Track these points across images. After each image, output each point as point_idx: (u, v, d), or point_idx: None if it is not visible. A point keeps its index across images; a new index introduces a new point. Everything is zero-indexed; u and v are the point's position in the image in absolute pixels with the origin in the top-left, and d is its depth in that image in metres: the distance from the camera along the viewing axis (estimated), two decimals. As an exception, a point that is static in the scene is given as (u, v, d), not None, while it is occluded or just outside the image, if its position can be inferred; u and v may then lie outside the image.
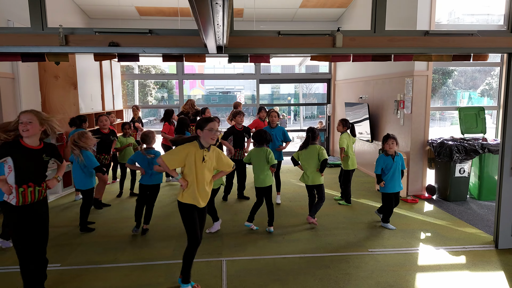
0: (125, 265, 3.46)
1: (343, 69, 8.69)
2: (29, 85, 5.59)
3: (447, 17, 13.00)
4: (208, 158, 2.91)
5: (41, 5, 3.22)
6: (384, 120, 6.52)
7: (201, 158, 2.87)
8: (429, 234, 4.21)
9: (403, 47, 3.50)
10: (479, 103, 15.56)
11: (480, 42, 3.54)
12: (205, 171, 2.91)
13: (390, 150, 4.27)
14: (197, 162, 2.87)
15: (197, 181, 2.89)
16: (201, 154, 2.88)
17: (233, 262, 3.53)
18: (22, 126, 2.61)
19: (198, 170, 2.88)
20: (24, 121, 2.61)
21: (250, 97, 19.84)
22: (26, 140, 2.66)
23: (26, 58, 3.33)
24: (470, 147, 5.32)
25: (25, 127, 2.60)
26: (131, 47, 3.28)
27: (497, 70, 6.64)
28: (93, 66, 6.99)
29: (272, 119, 5.36)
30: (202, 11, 2.11)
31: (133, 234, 4.19)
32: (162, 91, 19.30)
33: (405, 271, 3.33)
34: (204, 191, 2.95)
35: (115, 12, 7.80)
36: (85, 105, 6.53)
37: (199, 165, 2.87)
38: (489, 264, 3.47)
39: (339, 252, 3.74)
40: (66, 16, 7.00)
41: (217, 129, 2.93)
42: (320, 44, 3.44)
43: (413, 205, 5.29)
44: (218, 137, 2.94)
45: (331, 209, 5.08)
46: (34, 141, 2.70)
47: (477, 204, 5.36)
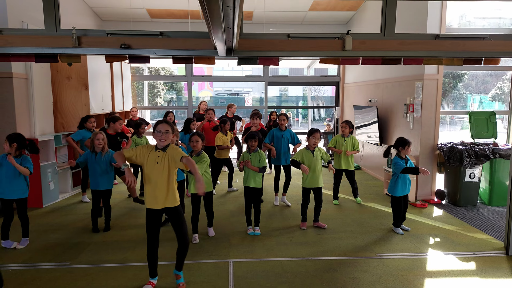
0: (134, 265, 3.49)
1: (352, 72, 8.66)
2: (42, 86, 5.69)
3: (458, 21, 12.88)
4: (161, 160, 2.85)
5: (55, 7, 3.29)
6: (393, 123, 6.48)
7: (155, 159, 2.86)
8: (438, 239, 4.16)
9: (413, 50, 3.48)
10: (490, 107, 15.36)
11: (492, 46, 3.51)
12: (161, 172, 2.86)
13: (405, 154, 4.30)
14: (149, 163, 2.86)
15: (153, 183, 2.87)
16: (155, 156, 2.86)
17: (240, 263, 3.53)
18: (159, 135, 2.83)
19: (153, 172, 2.86)
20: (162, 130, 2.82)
21: (258, 99, 19.87)
22: None
23: (39, 59, 3.40)
24: (480, 152, 5.26)
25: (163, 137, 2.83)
26: (142, 49, 3.33)
27: (509, 74, 6.56)
28: (104, 67, 7.08)
29: (281, 122, 5.38)
30: (213, 14, 2.13)
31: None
32: (171, 93, 19.44)
33: (413, 276, 3.30)
34: (161, 193, 2.88)
35: (126, 14, 7.91)
36: (96, 105, 6.61)
37: (153, 167, 2.86)
38: (499, 271, 3.42)
39: (346, 255, 3.72)
40: (79, 18, 7.12)
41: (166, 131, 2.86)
42: (329, 47, 3.45)
43: (422, 210, 5.24)
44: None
45: (339, 212, 5.06)
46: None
47: (488, 210, 5.29)
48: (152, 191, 2.88)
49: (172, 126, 2.98)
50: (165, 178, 2.87)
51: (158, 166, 2.85)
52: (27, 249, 3.85)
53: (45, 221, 4.66)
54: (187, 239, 3.03)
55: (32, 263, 3.53)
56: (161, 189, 2.88)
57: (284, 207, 5.28)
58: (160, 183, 2.87)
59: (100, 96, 6.85)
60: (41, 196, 5.24)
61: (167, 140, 2.87)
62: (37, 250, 3.83)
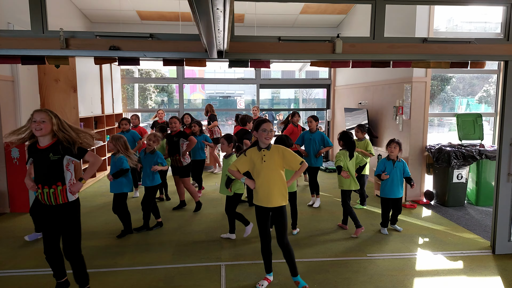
0: (125, 269, 3.46)
1: (342, 75, 8.74)
2: (29, 88, 5.61)
3: (446, 25, 13.11)
4: (267, 158, 2.94)
5: (41, 9, 3.24)
6: (383, 125, 6.55)
7: (261, 159, 2.95)
8: (427, 239, 4.21)
9: (402, 53, 3.53)
10: (477, 109, 15.62)
11: (478, 49, 3.58)
12: (269, 171, 2.94)
13: (392, 154, 4.30)
14: (256, 163, 2.95)
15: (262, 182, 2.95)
16: (260, 155, 2.96)
17: (232, 266, 3.52)
18: (35, 124, 2.56)
19: (261, 171, 2.95)
20: (37, 120, 2.56)
21: (251, 102, 19.89)
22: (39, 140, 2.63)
23: (26, 61, 3.34)
24: (468, 153, 5.35)
25: (38, 126, 2.56)
26: (131, 51, 3.30)
27: (495, 77, 6.69)
28: (93, 70, 7.01)
29: (310, 124, 5.45)
30: (203, 16, 2.13)
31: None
32: (162, 95, 19.32)
33: (403, 276, 3.33)
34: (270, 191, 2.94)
35: (116, 17, 7.85)
36: (85, 108, 6.54)
37: (260, 166, 2.95)
38: (486, 269, 3.48)
39: (338, 257, 3.74)
40: (67, 20, 7.04)
41: (271, 129, 2.99)
42: (320, 50, 3.47)
43: (412, 210, 5.30)
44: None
45: (330, 214, 5.09)
46: (44, 140, 2.64)
47: (475, 210, 5.37)
48: (263, 189, 2.94)
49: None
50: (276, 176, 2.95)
51: (267, 164, 2.93)
52: (13, 255, 3.78)
53: (32, 226, 4.57)
54: (286, 241, 3.04)
55: (18, 269, 3.47)
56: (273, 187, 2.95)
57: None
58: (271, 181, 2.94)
59: (89, 98, 6.78)
60: (28, 200, 5.15)
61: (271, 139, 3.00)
62: (23, 256, 3.76)
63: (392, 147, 4.28)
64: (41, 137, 2.61)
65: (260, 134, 2.96)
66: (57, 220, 2.71)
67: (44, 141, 2.64)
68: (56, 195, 2.64)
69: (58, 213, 2.69)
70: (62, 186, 2.66)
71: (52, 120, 2.60)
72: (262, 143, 2.98)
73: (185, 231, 4.43)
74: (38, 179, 2.66)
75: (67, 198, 2.69)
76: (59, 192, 2.65)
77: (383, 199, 4.37)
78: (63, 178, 2.67)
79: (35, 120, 2.57)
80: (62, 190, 2.66)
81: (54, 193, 2.64)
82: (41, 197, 2.67)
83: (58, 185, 2.64)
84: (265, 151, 2.96)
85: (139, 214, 5.03)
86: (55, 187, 2.64)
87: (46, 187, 2.63)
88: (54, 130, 2.62)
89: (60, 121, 2.66)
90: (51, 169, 2.63)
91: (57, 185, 2.64)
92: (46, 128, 2.58)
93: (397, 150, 4.29)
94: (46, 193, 2.63)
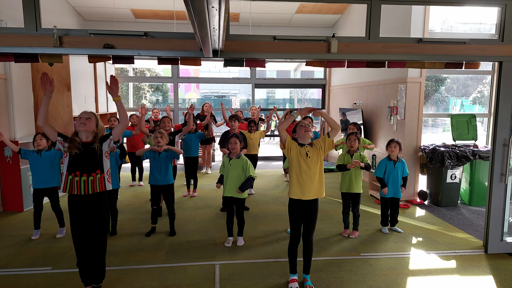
0: (118, 268, 3.44)
1: (338, 75, 8.76)
2: (22, 86, 5.55)
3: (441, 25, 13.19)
4: (311, 154, 2.99)
5: (35, 6, 3.21)
6: (377, 126, 6.57)
7: (305, 155, 2.98)
8: (421, 239, 4.24)
9: (396, 53, 3.54)
10: (471, 110, 15.74)
11: (472, 50, 3.60)
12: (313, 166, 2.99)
13: (392, 154, 4.32)
14: (301, 158, 2.98)
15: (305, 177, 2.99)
16: (304, 152, 3.00)
17: (226, 265, 3.52)
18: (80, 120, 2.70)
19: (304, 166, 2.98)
20: (83, 117, 2.70)
21: (246, 102, 19.87)
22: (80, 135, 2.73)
23: (19, 58, 3.30)
24: (461, 154, 5.39)
25: (83, 122, 2.69)
26: (126, 49, 3.28)
27: (489, 78, 6.74)
28: (87, 68, 6.95)
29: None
30: (198, 14, 2.12)
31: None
32: (157, 94, 19.24)
33: (396, 275, 3.35)
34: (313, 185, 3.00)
35: (110, 14, 7.79)
36: (79, 107, 6.48)
37: (303, 162, 2.98)
38: (478, 269, 3.51)
39: (332, 256, 3.75)
40: (61, 17, 6.98)
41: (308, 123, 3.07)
42: (315, 49, 3.47)
43: (405, 210, 5.33)
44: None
45: (324, 213, 5.10)
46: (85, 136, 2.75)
47: (468, 210, 5.41)
48: (306, 184, 2.97)
49: None
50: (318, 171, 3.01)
51: (311, 159, 2.97)
52: (5, 254, 3.74)
53: (26, 225, 4.53)
54: (311, 237, 3.08)
55: (11, 268, 3.43)
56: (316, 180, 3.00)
57: (272, 210, 5.29)
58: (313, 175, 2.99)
59: (83, 97, 6.73)
60: (21, 199, 5.11)
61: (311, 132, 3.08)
62: (16, 255, 3.73)
63: (392, 147, 4.31)
64: (84, 132, 2.71)
65: (299, 129, 3.04)
66: (89, 212, 2.71)
67: (85, 137, 2.73)
68: (94, 183, 2.68)
69: (92, 203, 2.70)
70: (100, 174, 2.71)
71: (98, 120, 2.78)
72: (302, 138, 3.03)
73: (179, 230, 4.42)
74: (74, 167, 2.65)
75: (105, 187, 2.74)
76: (97, 180, 2.69)
77: (383, 198, 4.40)
78: (102, 166, 2.72)
79: (80, 117, 2.71)
80: (101, 178, 2.71)
81: (92, 181, 2.67)
82: (76, 186, 2.64)
83: (97, 173, 2.69)
84: (308, 147, 3.01)
85: (128, 215, 5.01)
86: (94, 175, 2.68)
87: (85, 174, 2.65)
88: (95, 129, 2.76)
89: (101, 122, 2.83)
90: (91, 157, 2.69)
91: (96, 173, 2.69)
92: (90, 125, 2.71)
93: (397, 150, 4.31)
94: (84, 181, 2.65)
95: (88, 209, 2.71)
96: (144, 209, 5.21)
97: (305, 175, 2.98)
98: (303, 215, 3.06)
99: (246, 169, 3.93)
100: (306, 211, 3.05)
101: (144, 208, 5.22)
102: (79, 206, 2.70)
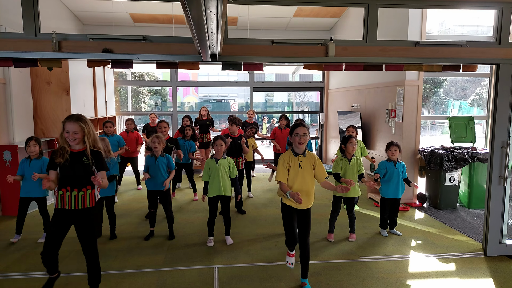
0: (117, 273, 3.43)
1: (336, 78, 8.78)
2: (21, 91, 5.56)
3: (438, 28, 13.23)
4: (304, 164, 2.97)
5: (34, 11, 3.22)
6: (376, 128, 6.59)
7: (298, 165, 2.97)
8: (420, 242, 4.24)
9: (394, 57, 3.56)
10: (469, 112, 15.78)
11: (469, 53, 3.62)
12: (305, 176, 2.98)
13: (393, 156, 4.33)
14: (293, 169, 2.97)
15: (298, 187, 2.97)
16: (297, 161, 2.98)
17: (225, 269, 3.51)
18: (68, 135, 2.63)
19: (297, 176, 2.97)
20: (70, 132, 2.63)
21: (244, 105, 19.91)
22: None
23: (18, 63, 3.32)
24: (460, 156, 5.40)
25: (72, 137, 2.63)
26: (124, 53, 3.29)
27: (487, 80, 6.77)
28: (86, 72, 6.97)
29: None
30: (196, 19, 2.13)
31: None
32: (156, 98, 19.25)
33: (395, 278, 3.34)
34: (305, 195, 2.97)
35: (109, 19, 7.82)
36: (78, 111, 6.48)
37: (296, 172, 2.96)
38: (478, 271, 3.51)
39: (330, 259, 3.74)
40: (60, 22, 7.00)
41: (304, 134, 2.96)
42: (313, 53, 3.49)
43: (404, 213, 5.33)
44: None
45: (322, 216, 5.09)
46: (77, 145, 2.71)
47: (467, 212, 5.42)
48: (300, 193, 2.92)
49: None
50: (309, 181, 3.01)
51: (303, 170, 2.96)
52: (5, 258, 3.73)
53: (24, 229, 4.51)
54: (308, 241, 3.06)
55: (9, 272, 3.42)
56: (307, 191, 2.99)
57: (270, 214, 5.28)
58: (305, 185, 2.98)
59: (82, 101, 6.73)
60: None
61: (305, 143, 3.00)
62: (14, 259, 3.71)
63: (392, 150, 4.32)
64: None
65: (293, 139, 2.99)
66: (78, 224, 2.74)
67: (76, 146, 2.69)
68: (84, 198, 2.69)
69: (80, 217, 2.72)
70: (91, 190, 2.72)
71: (84, 130, 2.67)
72: (296, 148, 3.00)
73: (178, 234, 4.41)
74: (66, 182, 2.66)
75: (94, 202, 2.76)
76: (88, 195, 2.71)
77: (383, 199, 4.40)
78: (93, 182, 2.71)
79: (67, 131, 2.63)
80: (91, 193, 2.72)
81: (83, 196, 2.69)
82: (67, 200, 2.66)
83: (88, 189, 2.70)
84: (301, 157, 2.99)
85: (126, 219, 5.00)
86: (84, 190, 2.69)
87: (75, 189, 2.66)
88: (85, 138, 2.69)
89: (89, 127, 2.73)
90: (82, 172, 2.68)
91: (87, 188, 2.70)
92: (79, 138, 2.66)
93: (398, 153, 4.32)
94: (75, 196, 2.66)
95: (77, 222, 2.74)
96: (143, 212, 5.20)
97: (298, 185, 2.97)
98: (298, 219, 3.06)
99: (232, 168, 4.07)
100: (299, 217, 3.06)
101: (143, 212, 5.21)
102: (67, 219, 2.72)
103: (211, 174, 4.02)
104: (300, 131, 2.95)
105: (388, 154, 4.36)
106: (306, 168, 2.98)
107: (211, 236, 4.13)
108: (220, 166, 4.01)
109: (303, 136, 2.94)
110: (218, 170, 3.99)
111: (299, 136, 2.94)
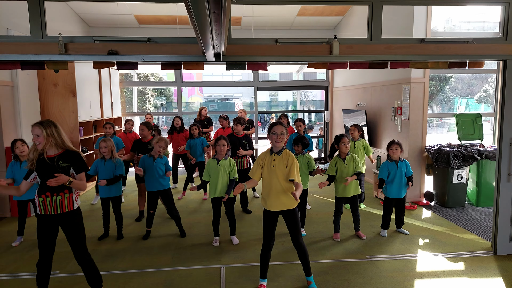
0: (124, 272, 3.45)
1: (340, 76, 8.75)
2: (28, 93, 5.62)
3: (444, 25, 13.13)
4: (276, 163, 2.93)
5: (41, 14, 3.26)
6: (381, 126, 6.55)
7: (270, 163, 2.95)
8: (428, 241, 4.21)
9: (399, 54, 3.54)
10: (477, 109, 15.65)
11: (476, 49, 3.59)
12: (277, 176, 2.92)
13: (394, 155, 4.28)
14: (266, 167, 2.96)
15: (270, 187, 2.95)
16: (270, 160, 2.95)
17: (232, 269, 3.52)
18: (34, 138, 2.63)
19: (270, 175, 2.94)
20: (33, 134, 2.62)
21: (248, 104, 19.92)
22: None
23: (25, 66, 3.36)
24: (467, 154, 5.35)
25: (36, 140, 2.62)
26: (130, 55, 3.31)
27: (494, 76, 6.70)
28: (92, 74, 7.02)
29: (298, 128, 5.45)
30: (200, 19, 2.14)
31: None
32: (161, 99, 19.35)
33: (403, 278, 3.32)
34: (279, 196, 2.94)
35: (114, 21, 7.87)
36: (84, 112, 6.55)
37: (268, 170, 2.95)
38: (487, 270, 3.47)
39: (337, 258, 3.73)
40: (66, 24, 7.06)
41: (281, 132, 2.93)
42: (317, 52, 3.48)
43: (412, 212, 5.29)
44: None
45: (329, 215, 5.08)
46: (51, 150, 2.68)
47: (475, 210, 5.37)
48: (272, 194, 2.94)
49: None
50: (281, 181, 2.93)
51: (275, 169, 2.92)
52: (14, 259, 3.78)
53: (33, 230, 4.56)
54: (300, 241, 3.04)
55: (19, 273, 3.46)
56: (278, 191, 2.93)
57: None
58: (276, 185, 2.93)
59: (88, 103, 6.79)
60: (29, 204, 5.13)
61: (282, 142, 2.96)
62: (24, 259, 3.76)
63: (393, 149, 4.27)
64: (46, 148, 2.64)
65: (271, 137, 2.96)
66: (63, 228, 2.74)
67: (51, 151, 2.68)
68: (62, 202, 2.68)
69: (63, 222, 2.71)
70: (69, 194, 2.70)
71: (43, 133, 2.60)
72: (273, 146, 2.99)
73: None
74: (45, 188, 2.65)
75: (73, 206, 2.73)
76: (66, 199, 2.69)
77: (387, 199, 4.37)
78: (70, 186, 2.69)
79: (33, 135, 2.63)
80: (69, 197, 2.70)
81: (61, 200, 2.67)
82: (48, 205, 2.66)
83: (65, 193, 2.69)
84: (275, 155, 2.95)
85: (133, 219, 5.02)
86: (62, 194, 2.68)
87: (54, 194, 2.65)
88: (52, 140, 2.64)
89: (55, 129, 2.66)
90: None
91: (64, 192, 2.68)
92: (41, 141, 2.61)
93: (399, 152, 4.27)
94: (54, 201, 2.65)
95: (62, 226, 2.72)
96: (149, 213, 5.22)
97: (268, 185, 2.95)
98: (285, 221, 3.04)
99: (232, 169, 4.06)
100: (286, 219, 3.04)
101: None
102: (51, 224, 2.70)
103: (211, 175, 4.03)
104: (277, 130, 2.91)
105: (389, 153, 4.32)
106: (279, 167, 2.91)
107: (216, 236, 4.14)
108: (221, 166, 4.00)
109: (280, 134, 2.90)
110: (219, 171, 3.98)
111: (276, 135, 2.91)
